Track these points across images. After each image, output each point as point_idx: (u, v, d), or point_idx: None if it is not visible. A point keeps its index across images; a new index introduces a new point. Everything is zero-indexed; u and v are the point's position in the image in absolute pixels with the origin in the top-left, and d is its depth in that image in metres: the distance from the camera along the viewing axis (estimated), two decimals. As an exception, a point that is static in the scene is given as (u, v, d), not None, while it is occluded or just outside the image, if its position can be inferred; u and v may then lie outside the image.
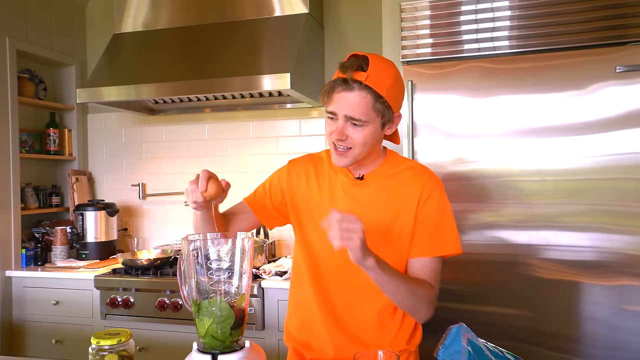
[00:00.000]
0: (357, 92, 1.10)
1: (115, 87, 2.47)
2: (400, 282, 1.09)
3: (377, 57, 1.13)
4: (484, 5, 1.91)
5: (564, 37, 1.83)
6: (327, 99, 1.15)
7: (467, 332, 0.78)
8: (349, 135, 1.13)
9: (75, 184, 3.01)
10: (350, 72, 1.10)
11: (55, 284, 2.52)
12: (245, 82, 2.30)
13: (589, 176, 1.79)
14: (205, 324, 0.81)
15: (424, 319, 1.18)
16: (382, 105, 1.11)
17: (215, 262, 0.84)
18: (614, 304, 1.76)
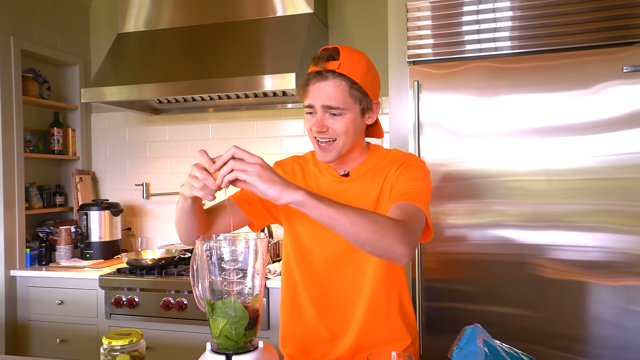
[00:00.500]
0: (332, 81, 1.10)
1: (120, 87, 2.47)
2: (350, 211, 0.94)
3: (347, 48, 1.14)
4: (489, 6, 1.91)
5: (571, 37, 1.83)
6: (303, 92, 1.15)
7: (482, 333, 0.78)
8: (330, 127, 1.12)
9: (79, 183, 3.01)
10: (322, 62, 1.11)
11: (60, 284, 2.52)
12: (250, 82, 2.29)
13: (595, 176, 1.78)
14: (220, 324, 0.81)
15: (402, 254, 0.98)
16: (358, 91, 1.12)
17: (228, 262, 0.84)
18: (621, 304, 1.76)
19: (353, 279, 1.20)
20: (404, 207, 1.07)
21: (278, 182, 0.89)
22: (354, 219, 0.93)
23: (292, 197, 0.89)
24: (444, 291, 1.94)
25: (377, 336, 1.21)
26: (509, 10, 1.89)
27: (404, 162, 1.19)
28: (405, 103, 2.02)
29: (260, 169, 0.88)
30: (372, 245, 0.96)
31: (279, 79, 2.23)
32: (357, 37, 2.70)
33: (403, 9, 2.02)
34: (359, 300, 1.20)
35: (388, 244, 0.95)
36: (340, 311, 1.22)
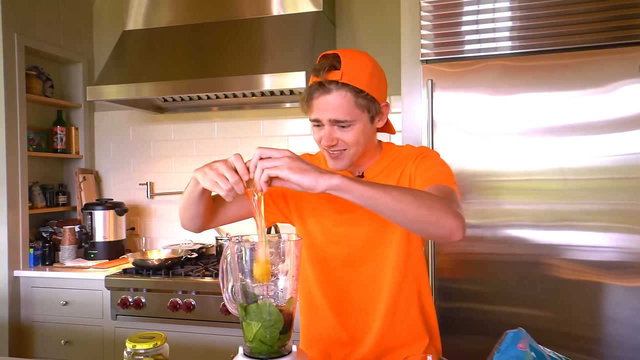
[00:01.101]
0: (336, 93, 1.05)
1: (128, 85, 2.44)
2: (391, 189, 0.89)
3: (348, 52, 1.09)
4: (504, 4, 1.89)
5: (586, 36, 1.81)
6: (307, 107, 1.10)
7: (525, 337, 0.76)
8: (339, 138, 1.09)
9: (82, 182, 2.97)
10: (324, 73, 1.05)
11: (65, 284, 2.49)
12: (259, 80, 2.27)
13: (611, 175, 1.77)
14: (254, 328, 0.78)
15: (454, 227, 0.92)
16: (365, 99, 1.07)
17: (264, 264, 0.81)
18: (637, 305, 1.75)
19: (372, 277, 1.18)
20: (436, 188, 1.04)
21: (310, 170, 0.86)
22: (397, 196, 0.89)
23: (329, 183, 0.86)
24: (458, 291, 1.93)
25: (397, 336, 1.19)
26: (524, 9, 1.87)
27: (419, 154, 1.17)
28: (418, 102, 2.00)
29: (290, 161, 0.85)
30: (421, 221, 0.90)
31: (286, 77, 2.21)
32: (365, 35, 2.68)
33: (416, 7, 2.00)
34: (379, 300, 1.18)
35: (437, 217, 0.90)
36: (359, 312, 1.19)
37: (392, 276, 1.16)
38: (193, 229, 1.18)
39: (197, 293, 2.26)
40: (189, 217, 1.14)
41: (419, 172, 1.13)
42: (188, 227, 1.18)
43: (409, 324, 1.19)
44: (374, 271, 1.18)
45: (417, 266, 1.21)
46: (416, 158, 1.16)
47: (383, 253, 1.17)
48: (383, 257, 1.17)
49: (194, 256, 2.56)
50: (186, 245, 2.77)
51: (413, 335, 1.20)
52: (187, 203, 1.10)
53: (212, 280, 2.26)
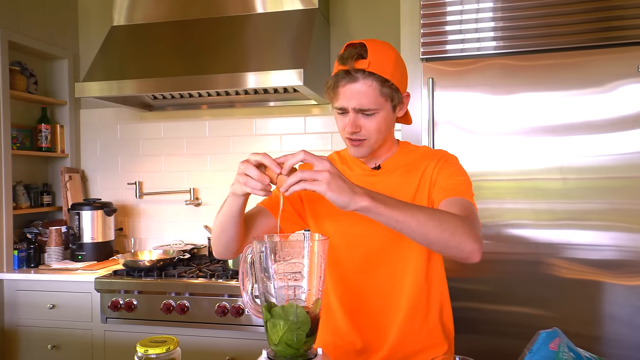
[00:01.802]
0: (362, 82, 1.06)
1: (117, 82, 2.38)
2: (417, 212, 0.92)
3: (374, 42, 1.10)
4: (506, 4, 1.89)
5: (586, 36, 1.82)
6: (333, 94, 1.11)
7: (558, 336, 0.75)
8: (362, 126, 1.10)
9: (68, 182, 2.89)
10: (351, 62, 1.06)
11: (51, 287, 2.41)
12: (256, 78, 2.23)
13: (611, 174, 1.79)
14: (279, 331, 0.75)
15: (473, 250, 0.96)
16: (390, 89, 1.09)
17: (287, 265, 0.78)
18: (635, 303, 1.77)
19: (390, 282, 1.15)
20: (458, 202, 1.05)
21: (346, 189, 0.86)
22: (421, 220, 0.91)
23: (358, 205, 0.87)
24: (459, 291, 1.92)
25: (416, 343, 1.16)
26: (524, 8, 1.88)
27: (441, 157, 1.17)
28: (419, 100, 1.99)
29: (330, 177, 0.85)
30: (442, 244, 0.94)
31: (286, 75, 2.17)
32: (360, 33, 2.66)
33: (416, 4, 1.98)
34: (397, 305, 1.15)
35: (457, 241, 0.93)
36: (376, 318, 1.16)
37: (413, 279, 1.14)
38: (228, 253, 1.12)
39: (191, 294, 2.21)
40: (225, 240, 1.09)
41: (441, 177, 1.14)
42: (223, 252, 1.12)
43: (428, 330, 1.17)
44: (393, 274, 1.15)
45: (438, 269, 1.19)
46: (438, 161, 1.16)
47: (403, 255, 1.14)
48: (403, 260, 1.14)
49: (186, 257, 2.50)
50: (177, 246, 2.71)
51: (431, 342, 1.18)
52: (224, 224, 1.06)
53: (206, 281, 2.21)
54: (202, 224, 2.82)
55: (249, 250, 0.85)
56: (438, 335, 1.19)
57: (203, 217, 2.85)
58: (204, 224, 2.82)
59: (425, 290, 1.16)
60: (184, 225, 2.89)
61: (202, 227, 2.82)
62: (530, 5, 1.87)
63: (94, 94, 2.42)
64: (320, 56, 2.52)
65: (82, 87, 2.43)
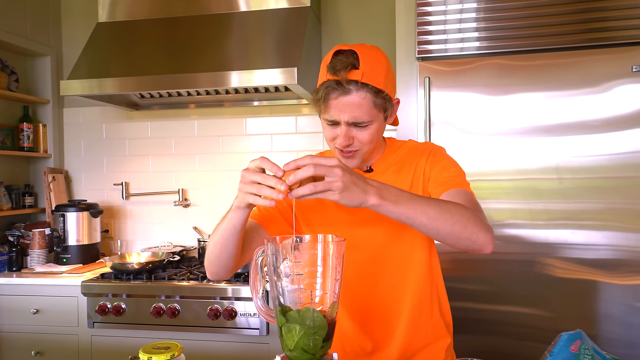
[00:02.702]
0: (356, 94, 1.01)
1: (105, 80, 2.31)
2: (427, 207, 0.90)
3: (364, 48, 1.04)
4: (502, 3, 1.89)
5: (581, 36, 1.83)
6: (323, 107, 1.04)
7: (579, 338, 0.74)
8: (355, 137, 1.06)
9: (51, 183, 2.80)
10: (344, 72, 0.99)
11: (35, 291, 2.33)
12: (249, 76, 2.19)
13: (606, 174, 1.80)
14: (295, 336, 0.72)
15: (485, 242, 0.95)
16: (383, 99, 1.04)
17: (301, 267, 0.75)
18: (629, 302, 1.78)
19: (393, 281, 1.14)
20: (459, 194, 1.03)
21: (358, 193, 0.83)
22: (432, 215, 0.89)
23: (369, 204, 0.85)
24: (456, 290, 1.91)
25: (423, 337, 1.15)
26: (520, 8, 1.88)
27: (431, 151, 1.15)
28: (414, 100, 1.98)
29: (343, 186, 0.81)
30: (454, 237, 0.92)
31: (280, 73, 2.14)
32: (351, 32, 2.64)
33: (412, 3, 1.97)
34: (402, 304, 1.14)
35: (469, 233, 0.93)
36: (383, 318, 1.15)
37: (416, 276, 1.13)
38: (226, 273, 1.07)
39: (181, 297, 2.16)
40: (225, 259, 1.03)
41: (435, 171, 1.11)
42: (221, 272, 1.07)
43: (433, 324, 1.17)
44: (396, 273, 1.14)
45: (436, 264, 1.20)
46: (429, 155, 1.14)
47: (404, 253, 1.13)
48: (405, 258, 1.13)
49: (176, 259, 2.45)
50: (166, 248, 2.65)
51: (436, 336, 1.18)
52: (224, 241, 1.00)
53: (198, 283, 2.16)
54: (191, 225, 2.77)
55: (259, 252, 0.82)
56: (442, 328, 1.19)
57: (192, 218, 2.80)
58: (193, 225, 2.76)
59: (429, 285, 1.15)
60: (172, 226, 2.83)
61: (191, 228, 2.76)
62: (525, 5, 1.87)
63: (80, 92, 2.35)
64: (312, 55, 2.49)
65: (67, 85, 2.36)
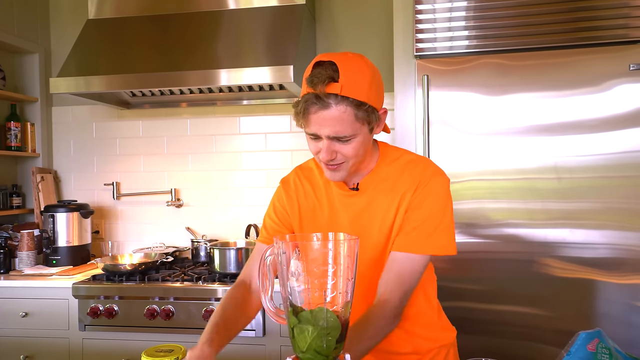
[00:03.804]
0: (335, 108, 0.96)
1: (97, 77, 2.27)
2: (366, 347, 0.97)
3: (345, 58, 0.98)
4: (499, 2, 1.88)
5: (579, 34, 1.83)
6: (303, 121, 1.01)
7: (597, 337, 0.72)
8: (339, 152, 1.02)
9: (40, 183, 2.74)
10: (322, 86, 0.95)
11: (24, 294, 2.27)
12: (240, 74, 2.16)
13: (604, 174, 1.80)
14: (308, 337, 0.70)
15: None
16: (366, 112, 0.99)
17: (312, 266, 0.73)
18: (628, 301, 1.78)
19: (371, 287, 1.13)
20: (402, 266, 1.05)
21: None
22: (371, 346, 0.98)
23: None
24: (453, 290, 1.90)
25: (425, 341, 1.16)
26: (520, 6, 1.87)
27: (421, 182, 1.08)
28: (412, 99, 1.96)
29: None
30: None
31: (276, 71, 2.11)
32: (345, 32, 2.62)
33: (410, 1, 1.95)
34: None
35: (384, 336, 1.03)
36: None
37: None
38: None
39: (176, 299, 2.12)
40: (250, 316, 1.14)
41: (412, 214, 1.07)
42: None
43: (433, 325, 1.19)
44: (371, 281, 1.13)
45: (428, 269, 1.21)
46: (418, 187, 1.08)
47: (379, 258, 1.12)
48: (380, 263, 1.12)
49: (169, 260, 2.41)
50: (159, 249, 2.61)
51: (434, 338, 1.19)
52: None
53: (192, 284, 2.13)
54: (184, 225, 2.73)
55: (268, 251, 0.79)
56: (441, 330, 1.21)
57: (185, 218, 2.76)
58: (186, 225, 2.73)
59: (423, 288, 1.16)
60: (165, 227, 2.79)
61: (184, 228, 2.72)
62: (525, 3, 1.87)
63: (69, 90, 2.30)
64: (307, 53, 2.46)
65: (57, 82, 2.31)
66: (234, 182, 2.72)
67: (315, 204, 1.17)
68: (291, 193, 1.20)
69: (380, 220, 1.09)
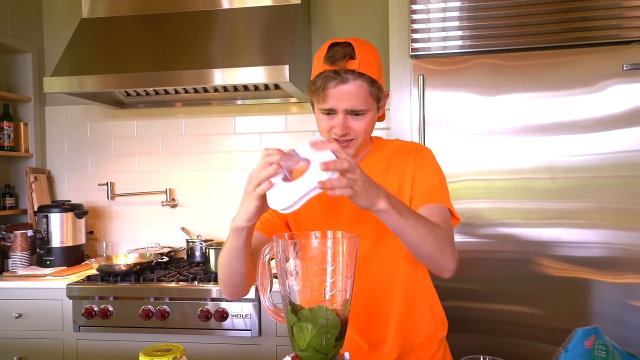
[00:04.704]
0: (353, 83, 1.05)
1: (91, 77, 2.25)
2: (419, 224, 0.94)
3: (358, 40, 1.09)
4: (494, 2, 1.89)
5: (573, 34, 1.85)
6: (322, 95, 1.07)
7: (594, 333, 0.73)
8: (351, 127, 1.09)
9: (33, 183, 2.72)
10: (342, 62, 1.04)
11: (17, 295, 2.25)
12: (235, 74, 2.16)
13: (598, 173, 1.81)
14: (307, 335, 0.70)
15: (451, 268, 1.02)
16: (377, 89, 1.09)
17: (311, 264, 0.73)
18: (622, 300, 1.79)
19: (383, 279, 1.15)
20: (438, 212, 1.07)
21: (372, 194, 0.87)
22: (422, 234, 0.94)
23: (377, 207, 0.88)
24: (450, 289, 1.90)
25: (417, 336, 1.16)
26: (514, 6, 1.88)
27: (417, 153, 1.17)
28: (407, 98, 1.97)
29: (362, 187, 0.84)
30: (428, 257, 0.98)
31: (271, 71, 2.11)
32: (343, 30, 2.62)
33: (406, 2, 1.96)
34: (391, 303, 1.15)
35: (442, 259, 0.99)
36: (374, 317, 1.15)
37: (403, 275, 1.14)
38: (242, 291, 1.08)
39: (171, 299, 2.11)
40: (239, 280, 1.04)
41: (420, 177, 1.14)
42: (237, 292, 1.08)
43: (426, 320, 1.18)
44: (384, 272, 1.14)
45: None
46: (416, 156, 1.16)
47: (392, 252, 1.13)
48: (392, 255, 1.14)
49: (164, 260, 2.40)
50: (154, 249, 2.60)
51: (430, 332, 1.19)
52: (230, 263, 1.00)
53: (187, 284, 2.12)
54: (179, 225, 2.72)
55: (267, 249, 0.79)
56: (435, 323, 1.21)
57: (180, 218, 2.75)
58: (181, 225, 2.72)
59: (416, 284, 1.17)
60: (159, 227, 2.78)
61: (179, 229, 2.71)
62: (520, 3, 1.88)
63: (63, 90, 2.29)
64: (303, 53, 2.46)
65: (51, 82, 2.29)
66: (229, 182, 2.71)
67: None
68: None
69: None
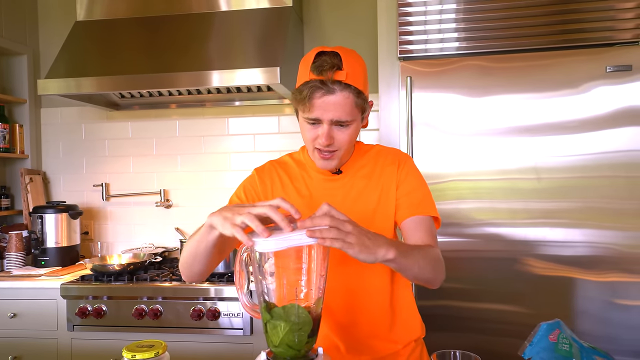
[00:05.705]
0: (340, 94, 1.05)
1: (86, 79, 2.28)
2: (418, 256, 0.98)
3: (344, 50, 1.08)
4: (481, 5, 1.92)
5: (557, 37, 1.88)
6: (307, 105, 1.06)
7: (558, 327, 0.75)
8: (335, 138, 1.09)
9: (29, 184, 2.75)
10: (330, 73, 1.03)
11: (12, 295, 2.28)
12: (230, 76, 2.18)
13: (582, 174, 1.84)
14: (280, 332, 0.72)
15: (440, 282, 1.09)
16: (363, 100, 1.09)
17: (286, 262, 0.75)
18: (606, 299, 1.82)
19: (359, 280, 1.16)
20: (425, 225, 1.12)
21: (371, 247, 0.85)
22: (421, 265, 0.99)
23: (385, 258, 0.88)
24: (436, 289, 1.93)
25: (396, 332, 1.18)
26: (499, 9, 1.91)
27: (400, 161, 1.19)
28: (396, 100, 2.00)
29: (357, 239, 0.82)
30: (423, 282, 1.04)
31: (263, 72, 2.14)
32: (332, 33, 2.65)
33: (393, 3, 1.99)
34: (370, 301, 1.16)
35: (434, 278, 1.06)
36: (351, 316, 1.16)
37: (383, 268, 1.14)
38: (198, 279, 1.10)
39: (164, 299, 2.14)
40: (198, 269, 1.05)
41: (405, 187, 1.16)
42: (193, 278, 1.10)
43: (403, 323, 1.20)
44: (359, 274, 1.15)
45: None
46: (399, 165, 1.18)
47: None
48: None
49: (158, 260, 2.43)
50: (148, 249, 2.62)
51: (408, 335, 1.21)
52: (195, 254, 1.00)
53: (180, 284, 2.15)
54: (173, 226, 2.75)
55: (244, 247, 0.82)
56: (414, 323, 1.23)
57: (174, 219, 2.78)
58: (175, 226, 2.74)
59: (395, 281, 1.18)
60: (154, 227, 2.81)
61: (173, 229, 2.74)
62: (504, 6, 1.91)
63: (58, 92, 2.32)
64: (294, 55, 2.49)
65: (46, 84, 2.32)
66: (223, 182, 2.74)
67: (294, 193, 1.19)
68: (266, 181, 1.21)
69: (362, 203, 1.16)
